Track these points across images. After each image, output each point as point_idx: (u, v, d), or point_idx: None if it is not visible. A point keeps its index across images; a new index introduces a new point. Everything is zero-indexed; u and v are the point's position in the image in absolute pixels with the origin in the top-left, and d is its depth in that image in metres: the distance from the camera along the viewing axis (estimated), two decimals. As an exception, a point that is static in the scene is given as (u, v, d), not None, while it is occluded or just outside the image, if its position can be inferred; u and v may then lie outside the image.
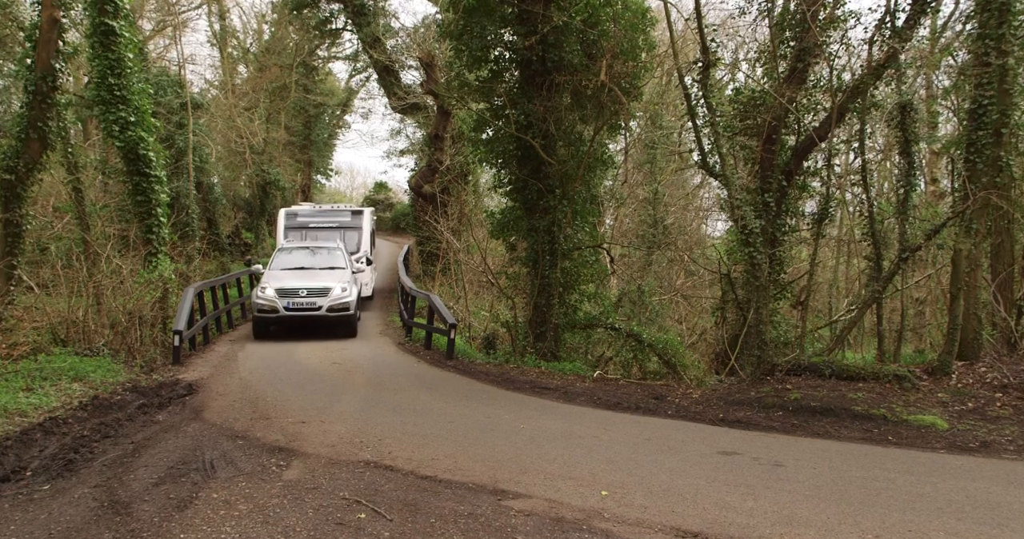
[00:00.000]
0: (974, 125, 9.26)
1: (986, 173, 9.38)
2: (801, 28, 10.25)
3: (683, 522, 4.36)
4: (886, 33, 9.87)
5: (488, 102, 12.78)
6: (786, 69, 10.90)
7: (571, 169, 12.21)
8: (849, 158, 14.80)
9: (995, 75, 8.81)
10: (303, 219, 18.80)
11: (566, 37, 11.26)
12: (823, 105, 11.23)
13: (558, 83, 11.61)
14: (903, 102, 9.80)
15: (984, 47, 8.83)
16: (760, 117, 11.13)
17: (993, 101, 8.99)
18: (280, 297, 13.25)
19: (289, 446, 6.15)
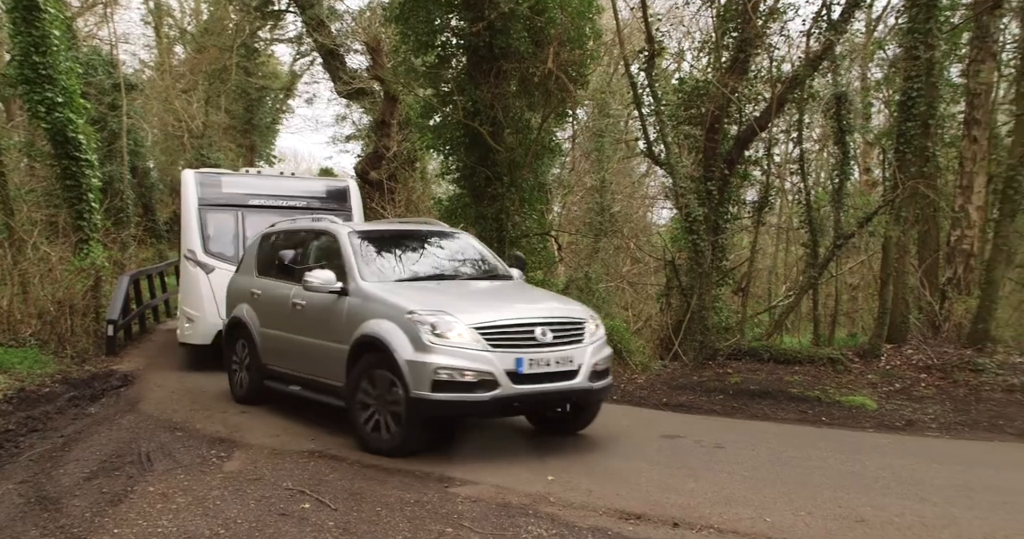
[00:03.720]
0: (903, 116, 9.62)
1: (914, 163, 9.77)
2: (743, 19, 10.45)
3: (627, 504, 4.45)
4: (823, 26, 10.16)
5: (435, 88, 12.63)
6: (728, 59, 11.11)
7: (519, 156, 12.20)
8: (788, 148, 15.20)
9: (923, 68, 9.16)
10: (235, 192, 9.83)
11: (513, 24, 11.21)
12: (763, 95, 11.49)
13: (506, 70, 11.55)
14: (838, 93, 10.11)
15: (913, 41, 9.17)
16: (704, 106, 11.31)
17: (921, 93, 9.35)
18: (494, 349, 5.23)
19: (231, 437, 6.02)
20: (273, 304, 6.83)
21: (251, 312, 7.18)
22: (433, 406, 5.15)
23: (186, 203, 9.54)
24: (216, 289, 8.74)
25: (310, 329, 6.26)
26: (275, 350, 6.76)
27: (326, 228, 6.80)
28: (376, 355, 5.44)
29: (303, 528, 4.05)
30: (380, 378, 5.41)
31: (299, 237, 7.15)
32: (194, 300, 9.06)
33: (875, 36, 14.42)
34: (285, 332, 6.58)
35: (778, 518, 4.23)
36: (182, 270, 9.33)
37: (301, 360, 6.41)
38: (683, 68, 15.12)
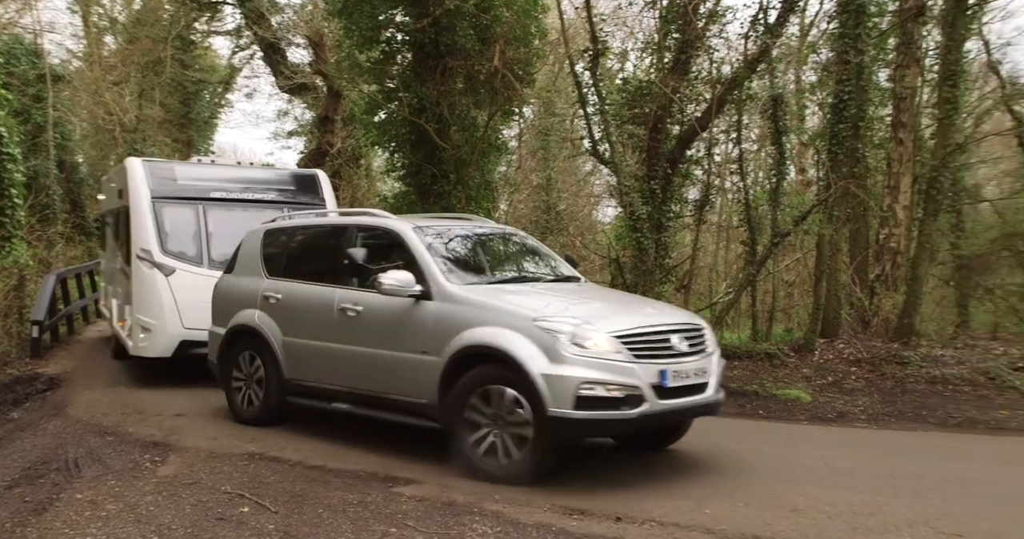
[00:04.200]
0: (835, 118, 10.00)
1: (845, 164, 10.16)
2: (684, 21, 10.66)
3: (570, 500, 4.49)
4: (759, 29, 10.45)
5: (380, 84, 12.48)
6: (670, 60, 11.31)
7: (465, 154, 12.17)
8: (728, 148, 15.62)
9: (853, 72, 9.52)
10: (193, 183, 8.63)
11: (459, 21, 11.16)
12: (704, 96, 11.74)
13: (451, 67, 11.50)
14: (775, 95, 10.42)
15: (844, 46, 9.52)
16: (647, 106, 11.49)
17: (852, 96, 9.72)
18: (637, 360, 4.64)
19: (166, 441, 5.82)
20: (305, 310, 5.89)
21: (266, 319, 6.11)
22: (575, 426, 4.52)
23: (136, 196, 8.18)
24: (178, 294, 7.78)
25: (371, 338, 5.39)
26: (308, 363, 5.83)
27: (383, 224, 5.86)
28: (492, 368, 4.74)
29: (242, 532, 3.94)
30: (497, 395, 4.69)
31: (329, 233, 6.28)
32: (151, 307, 7.80)
33: (809, 40, 14.93)
34: (326, 342, 5.67)
35: (717, 510, 4.33)
36: (133, 272, 7.99)
37: (354, 374, 5.50)
38: (627, 68, 15.34)
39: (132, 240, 8.10)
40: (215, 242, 8.12)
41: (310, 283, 5.97)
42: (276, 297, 6.15)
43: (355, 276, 5.66)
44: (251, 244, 6.65)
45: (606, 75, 14.00)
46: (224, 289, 6.74)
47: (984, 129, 15.74)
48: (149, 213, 8.15)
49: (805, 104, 15.55)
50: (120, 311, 8.97)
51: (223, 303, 6.67)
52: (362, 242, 5.83)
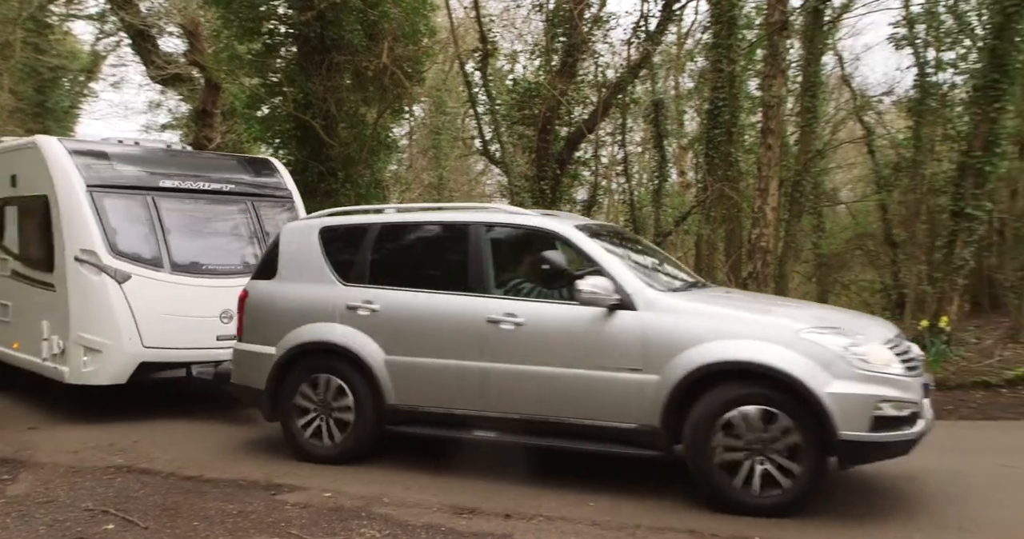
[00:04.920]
0: (711, 124, 10.58)
1: (721, 167, 10.78)
2: (570, 25, 10.93)
3: (461, 499, 4.48)
4: (641, 36, 10.89)
5: (263, 78, 12.00)
6: (558, 63, 11.58)
7: (354, 152, 11.91)
8: (614, 150, 16.15)
9: (726, 80, 10.11)
10: (135, 171, 7.02)
11: (346, 15, 10.91)
12: (591, 99, 12.10)
13: (339, 63, 11.23)
14: (656, 100, 10.90)
15: (717, 55, 10.10)
16: (536, 107, 11.70)
17: (726, 103, 10.32)
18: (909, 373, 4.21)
19: (17, 457, 5.32)
20: (426, 323, 4.93)
21: (357, 335, 5.06)
22: (870, 450, 4.02)
23: (64, 185, 6.52)
24: (136, 305, 6.25)
25: (541, 355, 4.60)
26: (430, 386, 4.90)
27: (540, 225, 5.00)
28: (745, 387, 4.14)
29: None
30: (758, 419, 4.07)
31: (443, 233, 5.31)
32: (99, 322, 6.27)
33: (686, 49, 15.71)
34: (464, 360, 4.77)
35: (601, 503, 4.45)
36: (70, 279, 6.39)
37: (511, 397, 4.68)
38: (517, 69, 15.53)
39: (61, 239, 6.45)
40: (174, 241, 6.67)
41: (427, 291, 4.99)
42: (371, 308, 5.04)
43: (507, 283, 4.91)
44: (300, 244, 5.48)
45: (496, 76, 14.12)
46: (268, 298, 5.42)
47: (840, 137, 17.16)
48: (87, 206, 6.41)
49: (684, 109, 16.36)
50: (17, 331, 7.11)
51: (269, 315, 5.37)
52: (491, 242, 5.00)
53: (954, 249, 10.16)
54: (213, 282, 6.60)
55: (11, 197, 7.36)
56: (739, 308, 4.69)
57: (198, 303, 6.45)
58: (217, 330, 6.40)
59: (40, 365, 6.71)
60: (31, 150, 6.91)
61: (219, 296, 6.45)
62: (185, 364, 6.42)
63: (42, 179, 6.69)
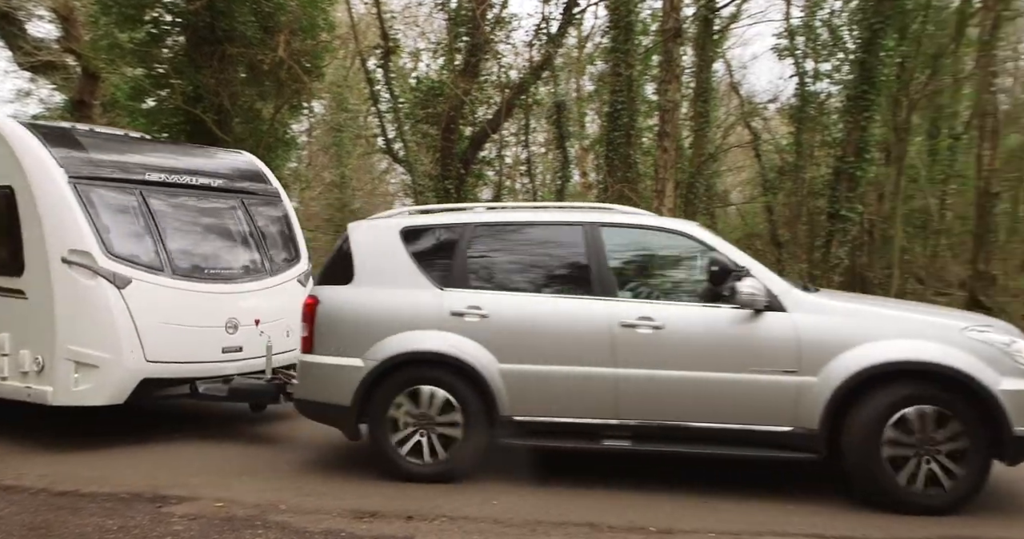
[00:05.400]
0: (611, 126, 10.89)
1: (620, 168, 11.10)
2: (472, 25, 10.96)
3: (361, 503, 4.39)
4: (543, 38, 11.06)
5: (148, 68, 11.33)
6: (461, 62, 11.58)
7: (250, 148, 11.42)
8: (518, 150, 16.32)
9: (624, 84, 10.43)
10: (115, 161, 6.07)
11: (238, 6, 10.48)
12: (495, 99, 12.18)
13: (231, 55, 10.76)
14: (558, 101, 11.10)
15: (616, 59, 10.40)
16: (440, 106, 11.65)
17: (625, 106, 10.65)
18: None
19: None
20: (547, 329, 4.65)
21: (466, 343, 4.70)
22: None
23: (40, 176, 5.61)
24: (138, 313, 5.48)
25: (684, 359, 4.46)
26: (553, 395, 4.61)
27: (667, 225, 4.90)
28: (911, 387, 4.16)
29: (-36, 582, 3.35)
30: (930, 418, 4.11)
31: (558, 234, 4.98)
32: (96, 333, 5.45)
33: (586, 52, 16.09)
34: (594, 367, 4.54)
35: (504, 500, 4.48)
36: (56, 285, 5.50)
37: (650, 403, 4.51)
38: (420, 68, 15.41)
39: (39, 239, 5.57)
40: (171, 242, 5.93)
41: (545, 295, 4.75)
42: (480, 314, 4.71)
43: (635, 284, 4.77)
44: (379, 246, 5.05)
45: (399, 73, 13.96)
46: (347, 306, 4.94)
47: (730, 141, 18.07)
48: (74, 201, 5.53)
49: (585, 112, 16.74)
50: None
51: (351, 324, 4.89)
52: (612, 243, 4.79)
53: (831, 249, 10.93)
54: (217, 288, 5.90)
55: None
56: (890, 308, 4.72)
57: (202, 311, 5.74)
58: (223, 341, 5.79)
59: (13, 388, 5.63)
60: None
61: (224, 304, 5.85)
62: (189, 380, 5.69)
63: (2, 168, 5.71)
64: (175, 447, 5.62)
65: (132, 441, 5.80)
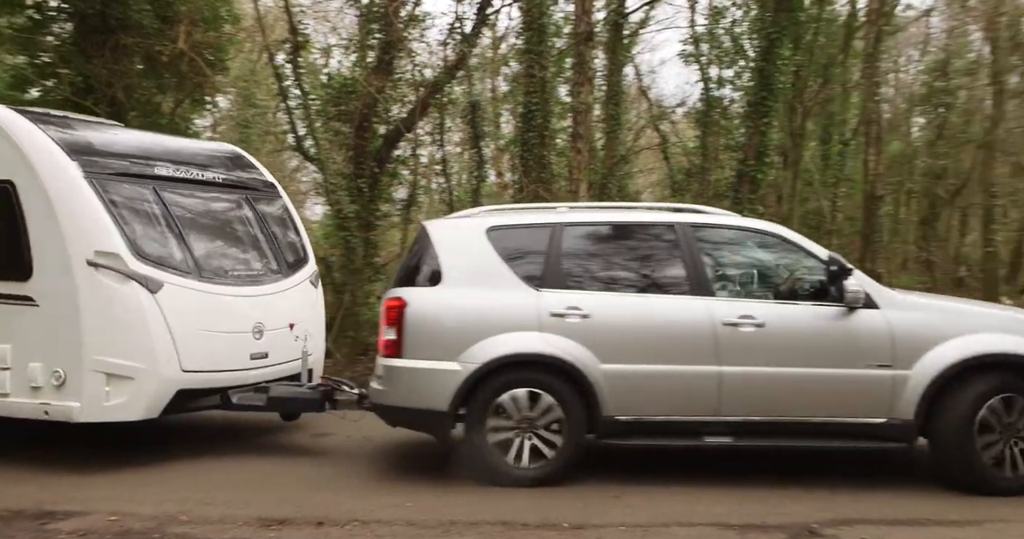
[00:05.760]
0: (525, 127, 10.96)
1: (535, 169, 11.20)
2: (385, 22, 10.80)
3: (269, 510, 4.26)
4: (457, 37, 11.03)
5: (31, 56, 10.55)
6: (374, 59, 11.38)
7: (147, 143, 10.85)
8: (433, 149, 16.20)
9: (538, 85, 10.54)
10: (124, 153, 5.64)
11: (132, -7, 9.91)
12: (409, 98, 12.03)
13: (126, 45, 10.15)
14: (473, 101, 11.10)
15: (530, 60, 10.49)
16: (352, 104, 11.40)
17: (538, 108, 10.75)
18: None
19: None
20: (650, 328, 4.71)
21: (566, 344, 4.65)
22: None
23: (51, 170, 5.11)
24: (173, 320, 5.12)
25: (783, 356, 4.61)
26: (655, 394, 4.66)
27: (757, 226, 5.13)
28: (1001, 377, 4.50)
29: None
30: (1014, 406, 4.48)
31: (649, 234, 5.04)
32: (130, 341, 5.04)
33: (501, 53, 16.17)
34: (697, 365, 4.63)
35: (418, 502, 4.44)
36: (81, 290, 5.00)
37: (750, 400, 4.63)
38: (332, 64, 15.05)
39: (55, 239, 5.06)
40: (193, 242, 5.54)
41: (645, 294, 4.81)
42: (580, 314, 4.68)
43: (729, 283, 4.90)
44: (466, 246, 4.95)
45: (310, 69, 13.57)
46: (440, 308, 4.80)
47: (641, 143, 18.59)
48: (95, 197, 5.09)
49: (500, 112, 16.82)
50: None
51: (443, 327, 4.77)
52: (704, 243, 4.92)
53: (735, 248, 11.41)
54: (241, 291, 5.58)
55: None
56: (968, 304, 5.21)
57: (231, 316, 5.43)
58: (250, 348, 5.49)
59: (5, 404, 5.14)
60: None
61: (250, 308, 5.55)
62: (220, 390, 5.37)
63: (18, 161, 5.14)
64: (65, 460, 5.26)
65: (16, 454, 5.38)
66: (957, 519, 4.07)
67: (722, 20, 14.34)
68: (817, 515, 4.11)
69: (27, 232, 5.10)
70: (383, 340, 4.84)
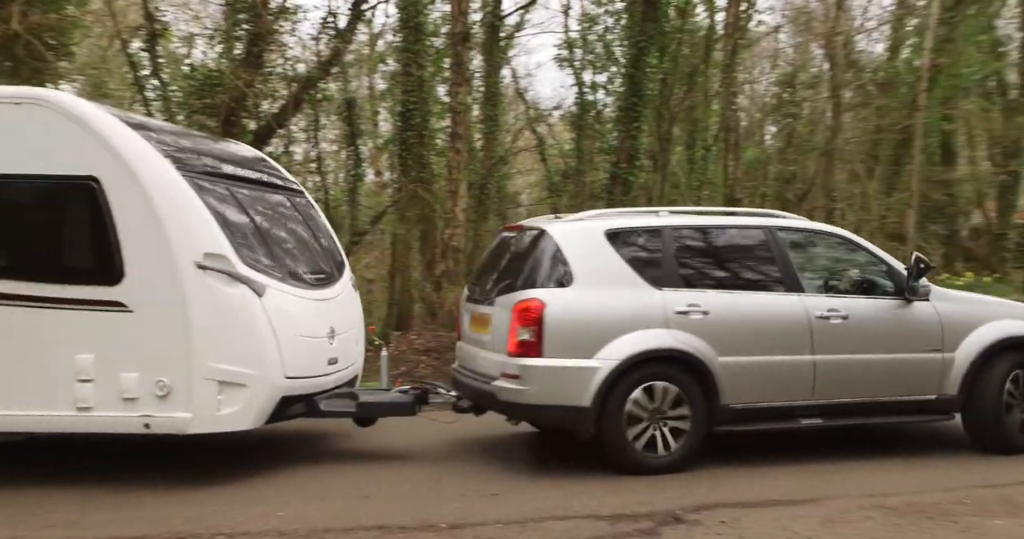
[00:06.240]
0: (404, 126, 10.87)
1: (414, 168, 11.12)
2: (254, 12, 10.33)
3: (122, 529, 3.97)
4: (330, 32, 10.73)
5: None
6: (242, 52, 10.85)
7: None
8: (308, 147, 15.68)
9: (416, 84, 10.47)
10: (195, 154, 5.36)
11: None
12: (281, 93, 11.58)
13: (-49, 23, 9.08)
14: (348, 98, 10.86)
15: (407, 59, 10.40)
16: (219, 97, 10.81)
17: (416, 107, 10.68)
18: None
19: None
20: (757, 323, 5.13)
21: (694, 339, 4.95)
22: None
23: (146, 166, 4.77)
24: (277, 324, 4.88)
25: (860, 344, 5.24)
26: (762, 382, 5.09)
27: (828, 229, 5.91)
28: (1018, 356, 5.38)
29: None
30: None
31: (747, 236, 5.43)
32: (243, 348, 4.78)
33: (378, 50, 15.91)
34: (794, 355, 5.12)
35: (291, 510, 4.28)
36: (190, 294, 4.69)
37: (837, 384, 5.21)
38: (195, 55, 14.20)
39: (165, 240, 4.68)
40: (275, 245, 5.35)
41: (751, 292, 5.24)
42: (701, 311, 5.01)
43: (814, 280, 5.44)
44: (590, 248, 5.10)
45: (170, 59, 12.75)
46: (577, 308, 4.91)
47: (519, 144, 18.91)
48: (195, 196, 4.80)
49: (378, 110, 16.54)
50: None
51: (581, 326, 4.89)
52: (791, 244, 5.45)
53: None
54: (317, 294, 5.40)
55: None
56: (983, 296, 6.13)
57: (315, 321, 5.26)
58: (327, 353, 5.32)
59: (86, 419, 4.69)
60: (35, 110, 4.77)
61: (325, 311, 5.42)
62: (307, 397, 5.15)
63: (77, 155, 4.73)
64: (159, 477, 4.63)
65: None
66: (800, 498, 4.43)
67: (594, 27, 14.87)
68: (682, 502, 4.35)
69: (117, 232, 4.70)
70: (517, 340, 4.89)
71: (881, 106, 16.75)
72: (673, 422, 4.94)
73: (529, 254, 5.21)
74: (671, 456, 4.93)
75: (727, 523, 4.01)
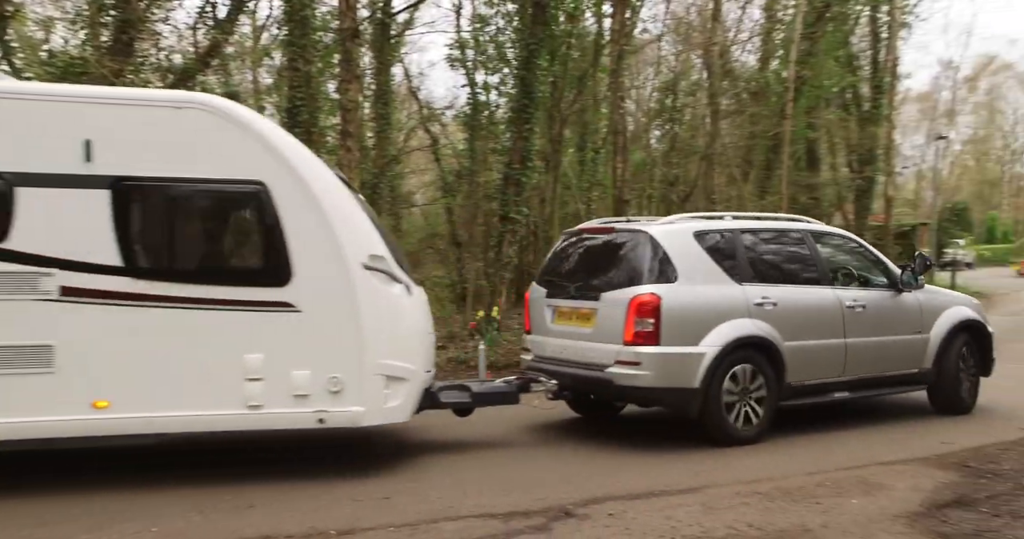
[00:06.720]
0: (291, 123, 10.47)
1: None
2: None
3: None
4: (209, 23, 10.19)
5: None
6: (110, 39, 10.10)
7: None
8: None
9: (303, 80, 10.12)
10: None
11: None
12: (154, 85, 10.87)
13: None
14: (230, 92, 10.36)
15: (293, 53, 10.04)
16: (83, 86, 10.02)
17: (304, 103, 10.33)
18: None
19: None
20: (808, 312, 6.09)
21: (767, 327, 5.81)
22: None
23: (312, 171, 4.89)
24: (418, 322, 5.39)
25: (873, 328, 6.33)
26: (811, 363, 6.03)
27: (843, 232, 7.12)
28: (968, 334, 6.83)
29: None
30: (970, 349, 6.85)
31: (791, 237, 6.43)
32: (404, 344, 5.10)
33: (262, 43, 15.27)
34: (832, 339, 6.14)
35: (166, 526, 4.04)
36: (363, 294, 4.87)
37: (858, 362, 6.26)
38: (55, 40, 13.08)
39: (334, 243, 4.85)
40: (394, 247, 5.52)
41: (802, 286, 6.16)
42: (772, 303, 5.87)
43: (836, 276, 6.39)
44: (685, 248, 5.77)
45: (26, 43, 11.67)
46: (684, 302, 5.58)
47: (412, 144, 18.73)
48: (354, 200, 5.17)
49: (264, 105, 15.87)
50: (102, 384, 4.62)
51: (687, 317, 5.60)
52: (822, 246, 6.47)
53: (503, 248, 11.95)
54: (420, 293, 5.67)
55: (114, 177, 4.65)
56: (940, 288, 7.85)
57: (428, 318, 5.69)
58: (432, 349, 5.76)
59: (256, 416, 4.75)
60: (198, 114, 4.76)
61: (426, 311, 5.71)
62: (426, 389, 5.37)
63: (243, 160, 4.80)
64: None
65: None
66: (683, 488, 4.65)
67: (486, 28, 14.94)
68: (572, 496, 4.45)
69: (285, 235, 4.81)
70: (635, 330, 5.46)
71: (754, 114, 17.87)
72: (753, 401, 5.72)
73: (631, 254, 5.82)
74: (756, 428, 5.73)
75: (615, 515, 4.14)
